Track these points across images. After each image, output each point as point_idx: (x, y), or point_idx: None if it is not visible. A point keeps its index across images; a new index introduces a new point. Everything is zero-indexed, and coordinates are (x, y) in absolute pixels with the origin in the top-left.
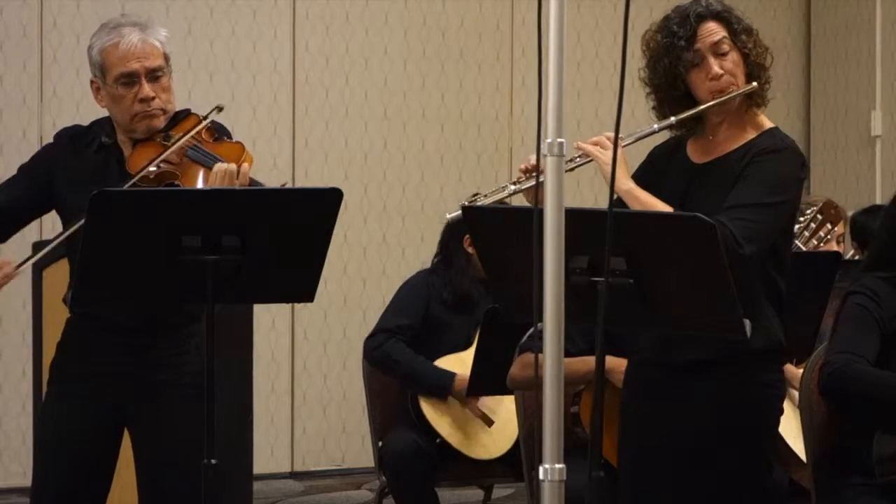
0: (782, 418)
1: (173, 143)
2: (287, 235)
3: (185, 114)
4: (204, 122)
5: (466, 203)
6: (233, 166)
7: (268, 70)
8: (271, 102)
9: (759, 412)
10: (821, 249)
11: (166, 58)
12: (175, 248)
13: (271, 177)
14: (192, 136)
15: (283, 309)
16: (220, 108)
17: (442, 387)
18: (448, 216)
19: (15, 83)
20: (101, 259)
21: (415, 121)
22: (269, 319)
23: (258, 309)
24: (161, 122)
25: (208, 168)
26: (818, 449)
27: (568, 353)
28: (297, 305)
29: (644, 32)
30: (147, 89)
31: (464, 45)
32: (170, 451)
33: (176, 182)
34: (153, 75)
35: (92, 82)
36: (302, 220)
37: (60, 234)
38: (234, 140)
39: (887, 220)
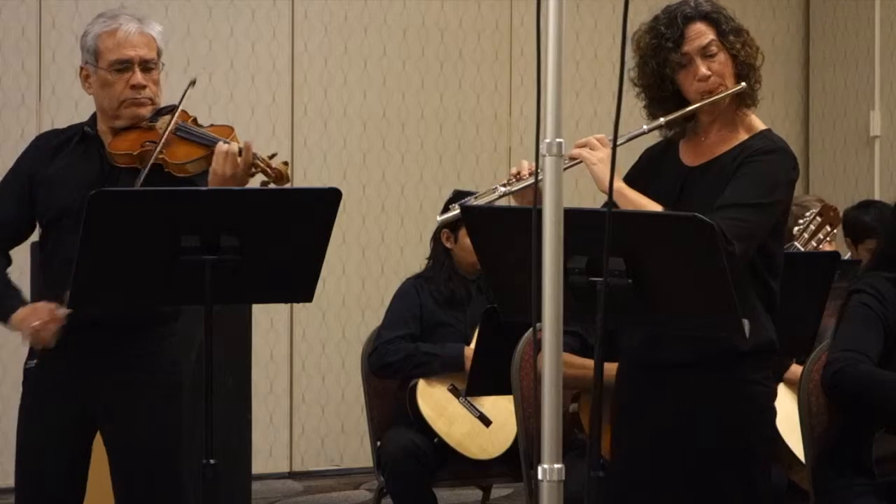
0: (782, 418)
1: (164, 126)
2: (286, 235)
3: (170, 108)
4: (180, 108)
5: (459, 205)
6: (234, 145)
7: (266, 70)
8: (270, 102)
9: (749, 410)
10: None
11: (159, 52)
12: (174, 248)
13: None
14: (178, 119)
15: (281, 309)
16: (192, 82)
17: (456, 357)
18: (439, 218)
19: (14, 83)
20: (100, 258)
21: (413, 121)
22: (267, 319)
23: (257, 309)
24: (148, 112)
25: (194, 143)
26: (817, 449)
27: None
28: (296, 305)
29: (634, 32)
30: (139, 76)
31: (463, 45)
32: (142, 452)
33: (161, 157)
34: (146, 66)
35: (81, 69)
36: (301, 220)
37: None
38: (219, 124)
39: (892, 218)
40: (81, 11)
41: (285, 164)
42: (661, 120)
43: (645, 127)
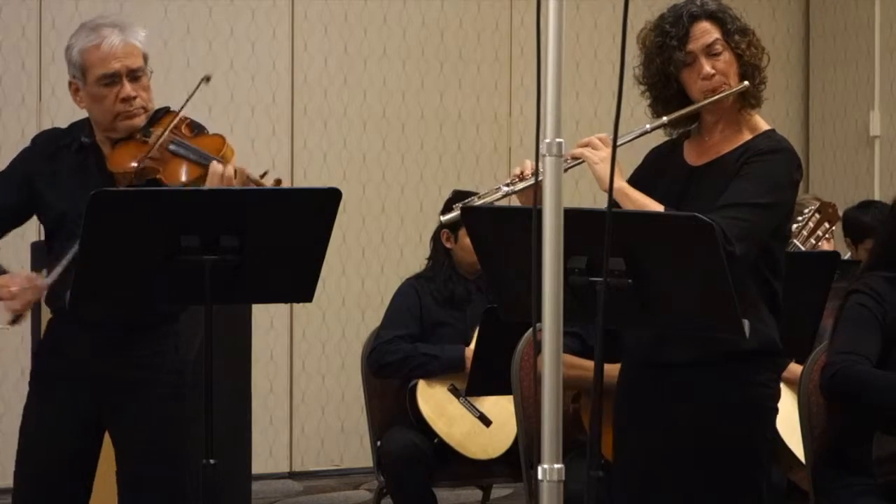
0: (782, 418)
1: (155, 141)
2: (286, 235)
3: (164, 111)
4: (179, 115)
5: (462, 204)
6: (230, 168)
7: (266, 70)
8: (270, 102)
9: (751, 412)
10: (819, 248)
11: (145, 58)
12: (174, 248)
13: (270, 177)
14: (172, 131)
15: (281, 309)
16: (208, 78)
17: (456, 359)
18: (442, 218)
19: (14, 83)
20: (100, 259)
21: (413, 121)
22: (267, 319)
23: (257, 309)
24: (142, 121)
25: (189, 161)
26: (817, 449)
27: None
28: (296, 305)
29: (640, 29)
30: (129, 89)
31: (462, 45)
32: (147, 451)
33: (157, 176)
34: (134, 75)
35: (70, 83)
36: (301, 220)
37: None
38: (212, 133)
39: (890, 218)
40: (82, 11)
41: (278, 182)
42: (664, 119)
43: (648, 126)
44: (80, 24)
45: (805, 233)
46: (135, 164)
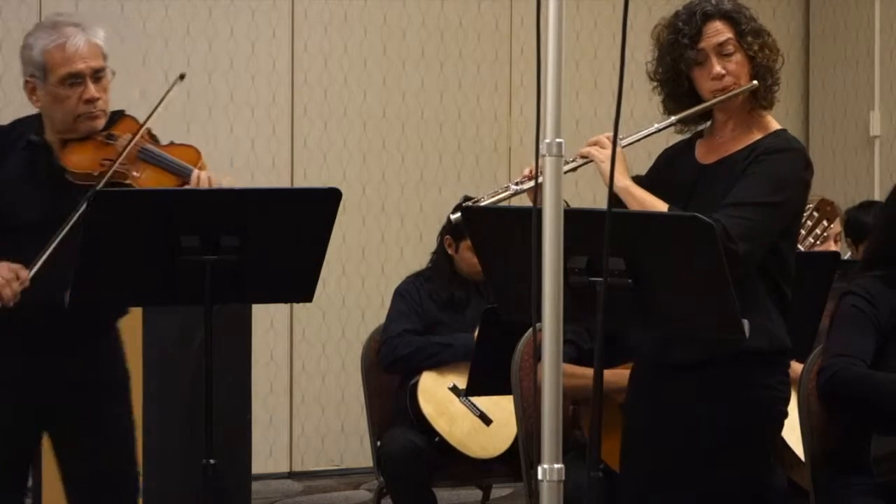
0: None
1: (123, 146)
2: (286, 235)
3: (121, 114)
4: (144, 126)
5: (470, 204)
6: (215, 175)
7: (266, 70)
8: (270, 103)
9: (759, 414)
10: (818, 247)
11: (105, 58)
12: (174, 248)
13: (271, 177)
14: (140, 141)
15: (281, 309)
16: (182, 76)
17: (469, 346)
18: (451, 217)
19: (14, 83)
20: (100, 259)
21: (413, 121)
22: (267, 320)
23: (257, 309)
24: (102, 123)
25: (163, 170)
26: (817, 449)
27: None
28: (296, 305)
29: (655, 25)
30: (92, 90)
31: (462, 45)
32: (97, 452)
33: (126, 182)
34: (96, 76)
35: (27, 82)
36: (301, 220)
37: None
38: (185, 144)
39: (883, 218)
40: (82, 11)
41: None
42: (672, 119)
43: (656, 125)
44: (37, 23)
45: (803, 232)
46: (101, 167)
